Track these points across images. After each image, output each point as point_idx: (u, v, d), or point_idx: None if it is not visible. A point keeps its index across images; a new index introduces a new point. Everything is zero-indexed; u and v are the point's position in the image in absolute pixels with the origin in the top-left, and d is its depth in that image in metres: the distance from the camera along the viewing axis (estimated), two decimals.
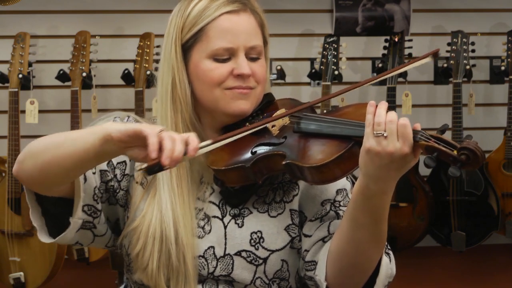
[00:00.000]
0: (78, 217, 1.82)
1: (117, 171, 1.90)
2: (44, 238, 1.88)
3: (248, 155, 1.81)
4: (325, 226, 1.85)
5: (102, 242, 1.92)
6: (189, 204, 1.85)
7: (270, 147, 1.80)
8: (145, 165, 1.59)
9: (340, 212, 1.86)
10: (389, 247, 1.85)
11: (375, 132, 1.62)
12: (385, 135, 1.61)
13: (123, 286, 1.99)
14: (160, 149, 1.57)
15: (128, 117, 1.95)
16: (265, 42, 1.91)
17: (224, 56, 1.84)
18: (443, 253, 4.30)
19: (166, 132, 1.59)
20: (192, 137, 1.61)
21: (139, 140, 1.60)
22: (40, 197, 1.85)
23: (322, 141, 1.75)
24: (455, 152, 1.59)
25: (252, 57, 1.86)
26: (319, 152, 1.73)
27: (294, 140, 1.79)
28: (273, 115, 1.84)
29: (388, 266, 1.82)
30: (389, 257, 1.84)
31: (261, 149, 1.80)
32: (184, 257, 1.82)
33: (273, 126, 1.83)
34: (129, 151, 1.63)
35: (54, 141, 1.72)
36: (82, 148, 1.66)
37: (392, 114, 1.63)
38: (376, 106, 1.66)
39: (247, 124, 1.87)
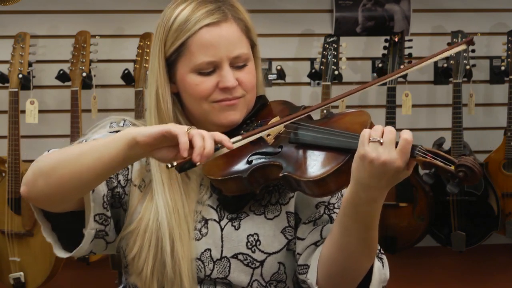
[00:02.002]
0: (91, 228, 1.82)
1: (120, 177, 1.89)
2: (60, 253, 1.86)
3: (244, 164, 1.80)
4: (318, 230, 1.84)
5: (113, 248, 1.92)
6: (184, 216, 1.84)
7: (266, 157, 1.79)
8: (175, 163, 1.59)
9: (334, 216, 1.86)
10: (382, 251, 1.85)
11: (371, 138, 1.62)
12: (381, 141, 1.61)
13: (122, 286, 1.99)
14: (190, 146, 1.58)
15: (124, 120, 1.94)
16: (253, 45, 1.89)
17: (208, 69, 1.83)
18: (443, 253, 4.30)
19: (195, 129, 1.61)
20: (220, 134, 1.63)
21: (167, 141, 1.60)
22: (48, 213, 1.84)
23: (319, 153, 1.74)
24: (453, 167, 1.59)
25: (238, 66, 1.85)
26: (316, 165, 1.72)
27: (290, 151, 1.78)
28: (269, 123, 1.82)
29: (381, 271, 1.82)
30: (382, 262, 1.84)
31: (257, 159, 1.79)
32: (180, 270, 1.81)
33: (268, 135, 1.81)
34: (157, 153, 1.64)
35: (70, 154, 1.70)
36: (108, 156, 1.66)
37: (392, 128, 1.64)
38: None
39: (242, 132, 1.86)
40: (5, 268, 3.95)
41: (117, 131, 1.89)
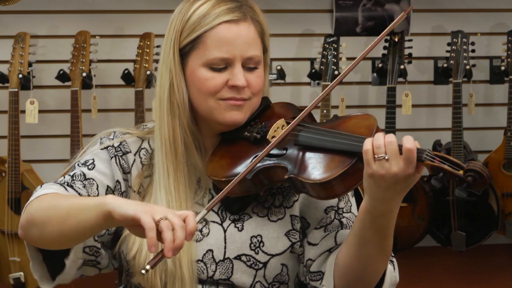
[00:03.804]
0: (77, 257, 1.82)
1: (116, 194, 1.88)
2: (46, 285, 1.86)
3: (248, 166, 1.78)
4: (332, 236, 1.85)
5: (109, 270, 1.93)
6: (186, 208, 1.83)
7: (271, 159, 1.78)
8: (148, 266, 1.56)
9: (344, 220, 1.87)
10: (392, 254, 1.86)
11: (376, 156, 1.62)
12: (386, 157, 1.62)
13: (122, 287, 1.99)
14: (160, 238, 1.55)
15: (114, 132, 1.93)
16: (265, 50, 1.88)
17: (220, 65, 1.82)
18: (443, 253, 4.30)
19: (164, 222, 1.55)
20: (189, 219, 1.57)
21: (139, 227, 1.58)
22: None
23: (325, 156, 1.73)
24: (461, 172, 1.59)
25: (249, 67, 1.84)
26: (322, 168, 1.71)
27: (295, 153, 1.77)
28: (272, 125, 1.81)
29: (392, 274, 1.84)
30: (393, 265, 1.85)
31: (262, 160, 1.77)
32: (180, 261, 1.80)
33: (272, 137, 1.80)
34: (132, 229, 1.62)
35: (58, 212, 1.70)
36: (88, 223, 1.65)
37: (391, 136, 1.64)
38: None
39: (246, 133, 1.85)
40: (5, 268, 3.95)
41: (107, 147, 1.90)
